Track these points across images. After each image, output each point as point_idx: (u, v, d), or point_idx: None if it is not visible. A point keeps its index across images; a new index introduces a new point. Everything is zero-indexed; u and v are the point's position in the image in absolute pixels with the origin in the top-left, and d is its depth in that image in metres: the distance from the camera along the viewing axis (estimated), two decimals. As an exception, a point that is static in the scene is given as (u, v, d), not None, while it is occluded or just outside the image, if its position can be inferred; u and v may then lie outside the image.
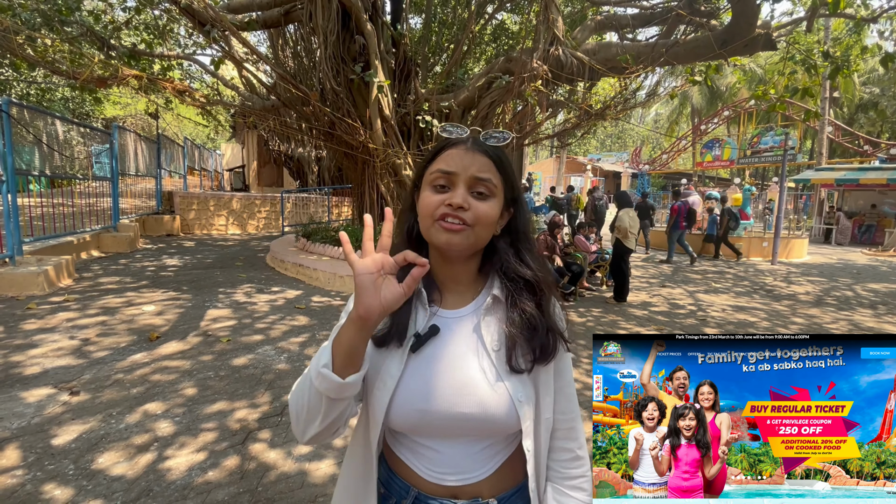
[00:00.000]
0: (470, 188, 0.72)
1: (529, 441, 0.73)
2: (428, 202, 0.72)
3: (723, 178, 26.17)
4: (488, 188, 0.72)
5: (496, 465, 0.75)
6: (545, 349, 0.73)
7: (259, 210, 12.59)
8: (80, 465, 2.21)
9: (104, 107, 20.54)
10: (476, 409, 0.70)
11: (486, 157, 0.73)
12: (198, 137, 30.34)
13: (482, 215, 0.71)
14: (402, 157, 6.95)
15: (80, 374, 3.17)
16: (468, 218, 0.70)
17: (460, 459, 0.73)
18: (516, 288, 0.75)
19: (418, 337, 0.73)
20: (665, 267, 9.50)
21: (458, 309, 0.78)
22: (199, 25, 5.85)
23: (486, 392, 0.71)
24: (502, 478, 0.76)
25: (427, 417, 0.71)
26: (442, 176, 0.72)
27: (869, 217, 16.15)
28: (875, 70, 22.17)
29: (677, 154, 25.97)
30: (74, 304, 4.78)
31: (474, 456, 0.73)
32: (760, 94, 6.95)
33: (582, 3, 9.52)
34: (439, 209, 0.71)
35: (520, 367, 0.72)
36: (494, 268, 0.79)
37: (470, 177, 0.72)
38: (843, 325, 5.33)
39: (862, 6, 7.01)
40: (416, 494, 0.75)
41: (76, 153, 8.77)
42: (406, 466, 0.76)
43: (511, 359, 0.72)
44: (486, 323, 0.75)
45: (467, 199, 0.71)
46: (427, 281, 0.78)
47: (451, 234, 0.70)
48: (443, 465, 0.73)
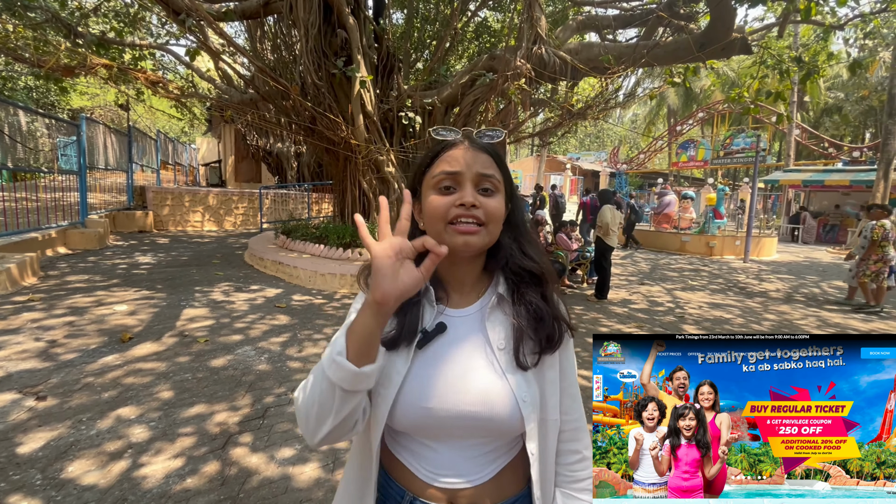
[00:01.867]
0: (476, 186, 0.72)
1: (534, 444, 0.72)
2: (436, 205, 0.71)
3: (697, 178, 26.89)
4: (493, 184, 0.73)
5: (497, 470, 0.74)
6: (551, 338, 0.74)
7: (236, 206, 12.28)
8: (49, 474, 2.10)
9: (70, 97, 19.66)
10: (480, 407, 0.69)
11: (486, 154, 0.74)
12: (171, 131, 29.38)
13: (493, 211, 0.71)
14: (385, 154, 6.87)
15: (47, 378, 3.02)
16: (481, 216, 0.70)
17: (460, 461, 0.72)
18: (521, 281, 0.76)
19: (425, 333, 0.73)
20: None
21: (465, 308, 0.78)
22: (174, 14, 5.64)
23: (491, 390, 0.70)
24: (503, 484, 0.74)
25: (430, 415, 0.70)
26: (447, 177, 0.72)
27: (833, 217, 16.87)
28: (839, 76, 23.13)
29: (654, 154, 26.57)
30: (39, 303, 4.56)
31: (475, 458, 0.72)
32: (735, 97, 7.16)
33: (564, 3, 9.60)
34: (451, 211, 0.70)
35: (526, 363, 0.72)
36: (499, 264, 0.78)
37: (475, 174, 0.72)
38: (812, 322, 5.54)
39: (829, 14, 7.27)
40: (410, 499, 0.73)
41: (40, 145, 8.35)
42: (403, 468, 0.74)
43: (519, 354, 0.72)
44: (492, 322, 0.75)
45: (477, 197, 0.71)
46: (433, 280, 0.77)
47: (469, 235, 0.70)
48: (442, 466, 0.72)
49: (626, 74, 6.69)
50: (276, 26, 7.63)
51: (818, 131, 22.95)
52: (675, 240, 12.21)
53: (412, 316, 0.73)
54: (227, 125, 15.09)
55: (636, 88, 11.16)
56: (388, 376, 0.71)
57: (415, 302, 0.74)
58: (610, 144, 36.88)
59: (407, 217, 0.63)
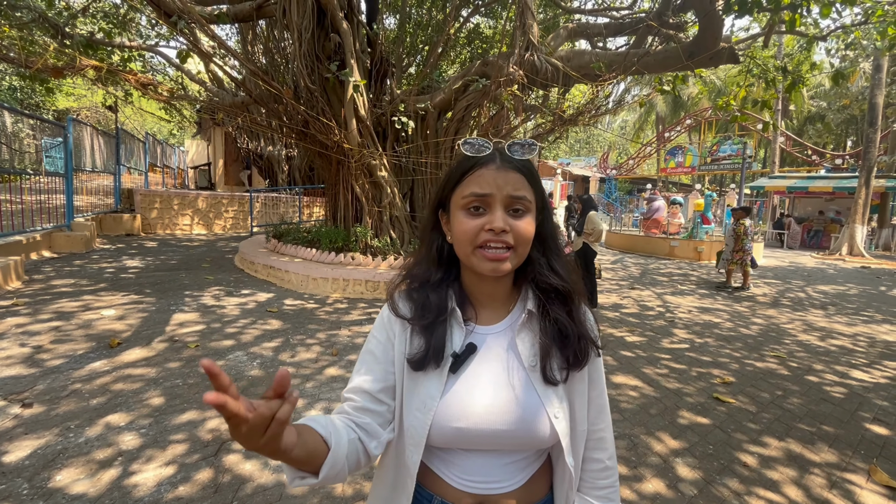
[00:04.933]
0: (507, 208, 0.70)
1: (570, 457, 0.74)
2: (465, 228, 0.70)
3: (685, 184, 27.30)
4: (524, 205, 0.71)
5: (526, 478, 0.75)
6: (577, 356, 0.73)
7: (226, 209, 12.16)
8: (36, 483, 2.05)
9: (56, 98, 19.33)
10: (513, 426, 0.70)
11: (518, 174, 0.72)
12: (160, 133, 29.02)
13: (523, 233, 0.70)
14: (378, 158, 6.87)
15: (33, 385, 2.96)
16: (510, 240, 0.70)
17: (491, 469, 0.73)
18: (548, 298, 0.75)
19: (456, 357, 0.73)
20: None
21: (494, 325, 0.77)
22: (165, 16, 5.59)
23: (524, 409, 0.70)
24: (531, 490, 0.75)
25: (464, 434, 0.70)
26: (476, 199, 0.70)
27: (817, 222, 17.23)
28: (822, 85, 23.70)
29: (643, 160, 26.92)
30: (24, 308, 4.46)
31: (506, 467, 0.73)
32: (722, 105, 7.30)
33: (555, 10, 9.71)
34: (480, 235, 0.69)
35: (555, 379, 0.72)
36: (528, 279, 0.78)
37: (506, 196, 0.70)
38: (798, 326, 5.64)
39: (813, 25, 7.46)
40: (440, 502, 0.74)
41: (25, 146, 8.19)
42: (432, 474, 0.75)
43: (546, 370, 0.72)
44: (522, 338, 0.75)
45: (507, 220, 0.69)
46: (461, 298, 0.77)
47: (497, 263, 0.69)
48: (473, 474, 0.73)
49: (616, 82, 6.79)
50: (268, 29, 7.60)
51: (802, 139, 23.46)
52: (664, 245, 12.36)
53: (438, 336, 0.73)
54: (216, 128, 14.96)
55: (625, 95, 11.32)
56: (422, 401, 0.71)
57: (441, 321, 0.74)
58: (600, 150, 37.27)
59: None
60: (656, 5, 7.43)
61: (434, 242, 0.79)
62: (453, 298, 0.76)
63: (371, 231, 6.89)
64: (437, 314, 0.73)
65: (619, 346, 4.45)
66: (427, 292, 0.76)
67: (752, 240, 7.71)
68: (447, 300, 0.75)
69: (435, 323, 0.73)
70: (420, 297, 0.76)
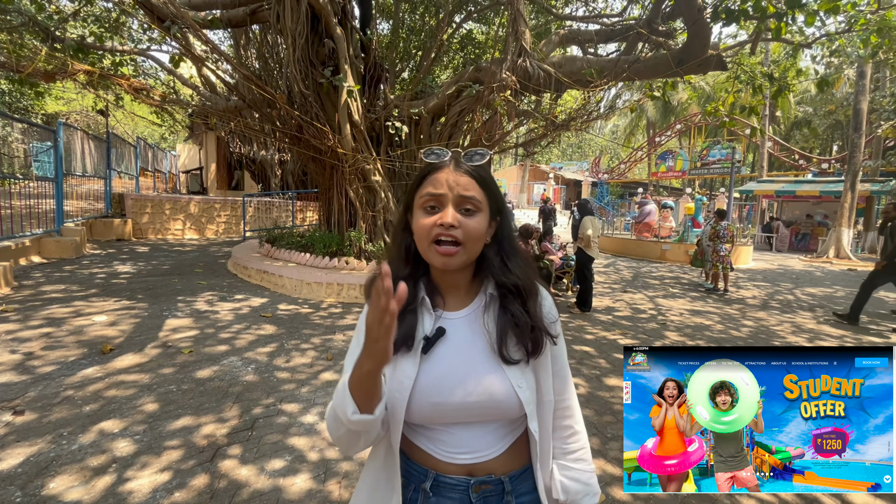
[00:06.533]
0: (457, 206, 0.79)
1: (534, 423, 0.83)
2: (422, 225, 0.80)
3: (675, 188, 27.59)
4: (474, 205, 0.79)
5: (506, 446, 0.83)
6: (535, 345, 0.81)
7: (219, 214, 12.10)
8: (29, 490, 2.04)
9: (45, 102, 19.11)
10: (483, 397, 0.78)
11: (468, 177, 0.80)
12: (151, 137, 28.80)
13: (471, 230, 0.78)
14: (372, 163, 6.89)
15: (25, 392, 2.93)
16: (459, 235, 0.78)
17: (472, 440, 0.81)
18: (505, 292, 0.83)
19: (427, 339, 0.81)
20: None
21: (460, 310, 0.86)
22: (158, 21, 5.59)
23: (490, 382, 0.79)
24: (512, 458, 0.84)
25: (440, 408, 0.79)
26: (431, 198, 0.80)
27: (804, 226, 17.50)
28: (808, 91, 24.15)
29: (634, 164, 27.20)
30: (14, 314, 4.41)
31: (485, 437, 0.81)
32: (711, 111, 7.43)
33: (547, 17, 9.83)
34: (433, 230, 0.78)
35: (514, 359, 0.80)
36: (487, 272, 0.86)
37: (457, 196, 0.79)
38: (787, 328, 5.73)
39: (798, 33, 7.63)
40: (434, 476, 0.81)
41: (14, 151, 8.10)
42: (422, 451, 0.83)
43: (503, 351, 0.80)
44: (485, 321, 0.83)
45: (457, 217, 0.78)
46: (430, 288, 0.86)
47: (447, 257, 0.78)
48: (457, 446, 0.81)
49: (607, 87, 6.88)
50: (261, 34, 7.61)
51: (789, 144, 23.86)
52: (656, 248, 12.49)
53: (408, 323, 0.81)
54: (208, 132, 14.88)
55: (616, 101, 11.45)
56: (399, 381, 0.79)
57: (410, 310, 0.82)
58: (591, 154, 37.58)
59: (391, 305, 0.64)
60: (646, 13, 7.56)
61: (403, 242, 0.87)
62: (423, 289, 0.85)
63: (365, 235, 6.90)
64: (406, 304, 0.79)
65: (612, 350, 4.49)
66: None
67: (724, 242, 7.88)
68: (416, 291, 0.84)
69: (405, 311, 0.80)
70: None
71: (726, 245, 7.91)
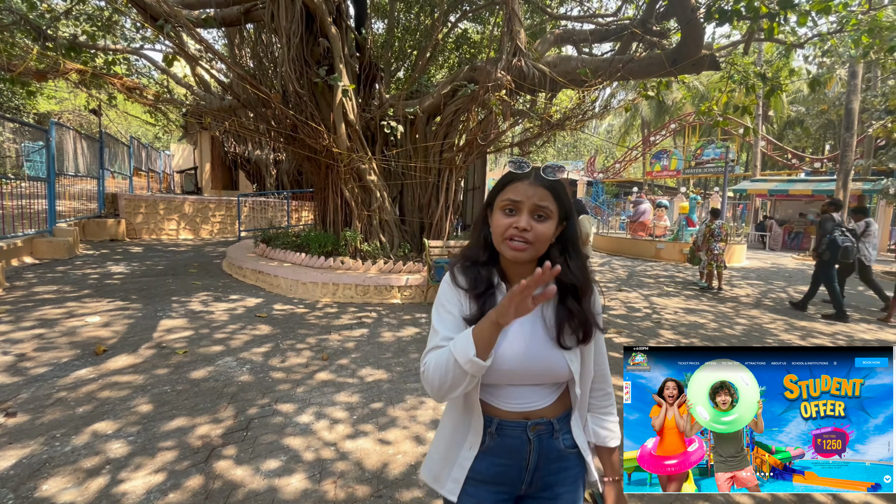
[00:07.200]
0: (531, 213, 0.95)
1: (578, 388, 1.02)
2: (499, 223, 0.97)
3: (670, 187, 27.71)
4: (546, 213, 0.95)
5: (553, 399, 1.03)
6: (587, 336, 0.99)
7: (213, 214, 12.02)
8: (21, 493, 2.02)
9: (37, 101, 18.92)
10: (543, 367, 0.98)
11: (545, 189, 0.95)
12: (145, 136, 28.58)
13: (540, 234, 0.95)
14: (367, 163, 6.87)
15: (17, 393, 2.90)
16: (529, 237, 0.94)
17: (530, 394, 1.01)
18: (564, 288, 0.99)
19: None
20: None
21: None
22: (152, 20, 5.54)
23: (550, 356, 0.98)
24: (559, 405, 1.04)
25: (510, 373, 0.98)
26: (510, 203, 0.96)
27: (797, 225, 17.65)
28: (800, 91, 24.34)
29: (629, 163, 27.29)
30: (6, 315, 4.36)
31: (540, 391, 1.02)
32: (705, 111, 7.47)
33: (542, 16, 9.84)
34: (508, 231, 0.95)
35: (568, 346, 0.99)
36: None
37: (532, 205, 0.95)
38: (780, 325, 5.78)
39: (791, 33, 7.68)
40: (498, 422, 1.00)
41: (5, 150, 8.01)
42: (489, 405, 1.01)
43: (560, 340, 0.98)
44: (546, 307, 1.01)
45: (529, 222, 0.94)
46: (502, 277, 1.04)
47: (517, 252, 0.95)
48: (517, 398, 1.01)
49: (602, 87, 6.89)
50: (256, 33, 7.56)
51: (782, 143, 24.04)
52: (651, 247, 12.55)
53: (490, 303, 0.97)
54: (203, 131, 14.79)
55: (611, 100, 11.47)
56: None
57: (490, 292, 1.00)
58: (586, 154, 37.67)
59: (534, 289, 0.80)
60: (640, 13, 7.59)
61: (482, 233, 1.05)
62: (496, 276, 1.02)
63: (360, 235, 6.88)
64: (486, 286, 0.99)
65: (607, 348, 4.50)
66: (478, 269, 1.02)
67: (718, 241, 8.04)
68: (493, 276, 1.01)
69: (486, 293, 0.98)
70: (472, 273, 1.01)
71: (720, 243, 8.01)
